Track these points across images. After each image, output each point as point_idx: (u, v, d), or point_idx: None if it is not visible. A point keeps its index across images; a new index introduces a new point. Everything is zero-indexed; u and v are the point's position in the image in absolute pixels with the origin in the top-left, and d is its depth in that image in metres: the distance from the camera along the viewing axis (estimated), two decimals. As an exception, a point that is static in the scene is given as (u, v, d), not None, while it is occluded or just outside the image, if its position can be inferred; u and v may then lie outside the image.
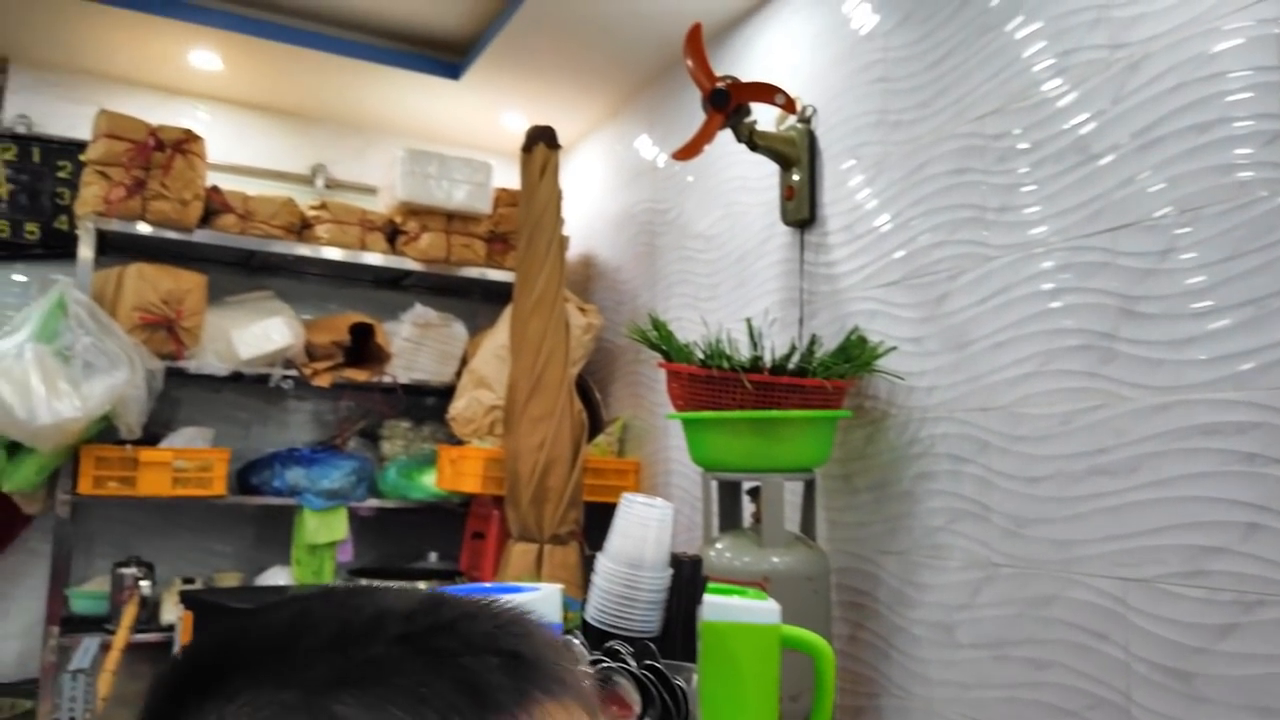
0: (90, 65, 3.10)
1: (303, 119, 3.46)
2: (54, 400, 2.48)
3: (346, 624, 0.38)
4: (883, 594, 1.98)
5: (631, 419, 3.06)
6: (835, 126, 2.21)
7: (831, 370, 1.81)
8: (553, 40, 2.83)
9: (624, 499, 1.07)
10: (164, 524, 3.14)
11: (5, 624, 2.90)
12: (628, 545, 1.03)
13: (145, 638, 2.73)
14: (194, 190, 2.84)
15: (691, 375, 1.87)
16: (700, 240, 2.74)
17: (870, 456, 2.03)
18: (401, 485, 3.11)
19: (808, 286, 2.25)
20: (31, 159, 3.00)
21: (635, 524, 1.04)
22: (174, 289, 2.78)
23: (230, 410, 3.24)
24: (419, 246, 3.16)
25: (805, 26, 2.36)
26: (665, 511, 1.07)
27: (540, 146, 2.84)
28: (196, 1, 2.84)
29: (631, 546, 1.03)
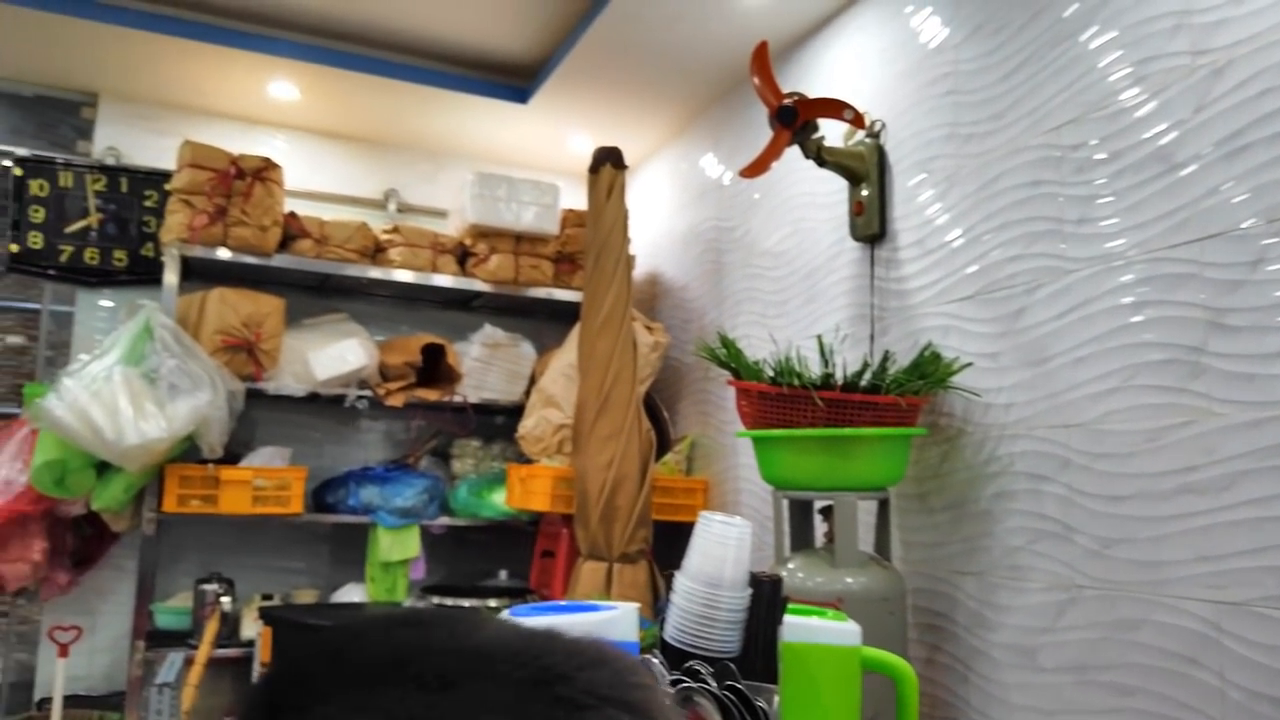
0: (174, 98, 3.23)
1: (376, 145, 3.55)
2: (141, 421, 2.57)
3: (454, 655, 0.36)
4: (960, 616, 1.93)
5: (699, 437, 3.05)
6: (905, 141, 2.18)
7: (905, 387, 1.79)
8: (618, 62, 2.86)
9: (702, 517, 1.07)
10: (242, 541, 3.22)
11: (94, 638, 2.99)
12: (707, 564, 1.03)
13: (225, 653, 2.80)
14: (272, 216, 2.93)
15: (761, 393, 1.86)
16: (768, 257, 2.73)
17: (946, 475, 1.99)
18: (472, 503, 3.15)
19: (878, 302, 2.23)
20: (120, 189, 3.13)
21: (714, 542, 1.03)
22: (254, 312, 2.86)
23: (305, 430, 3.32)
24: (488, 268, 3.21)
25: (873, 41, 2.34)
26: (744, 530, 1.06)
27: (607, 167, 2.87)
28: (275, 34, 2.94)
29: (710, 565, 1.03)
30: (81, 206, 3.08)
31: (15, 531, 2.74)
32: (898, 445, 1.85)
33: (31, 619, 3.62)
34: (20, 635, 3.47)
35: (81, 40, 2.85)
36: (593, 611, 1.02)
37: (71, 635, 2.78)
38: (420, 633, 0.39)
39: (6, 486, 2.72)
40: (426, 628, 0.39)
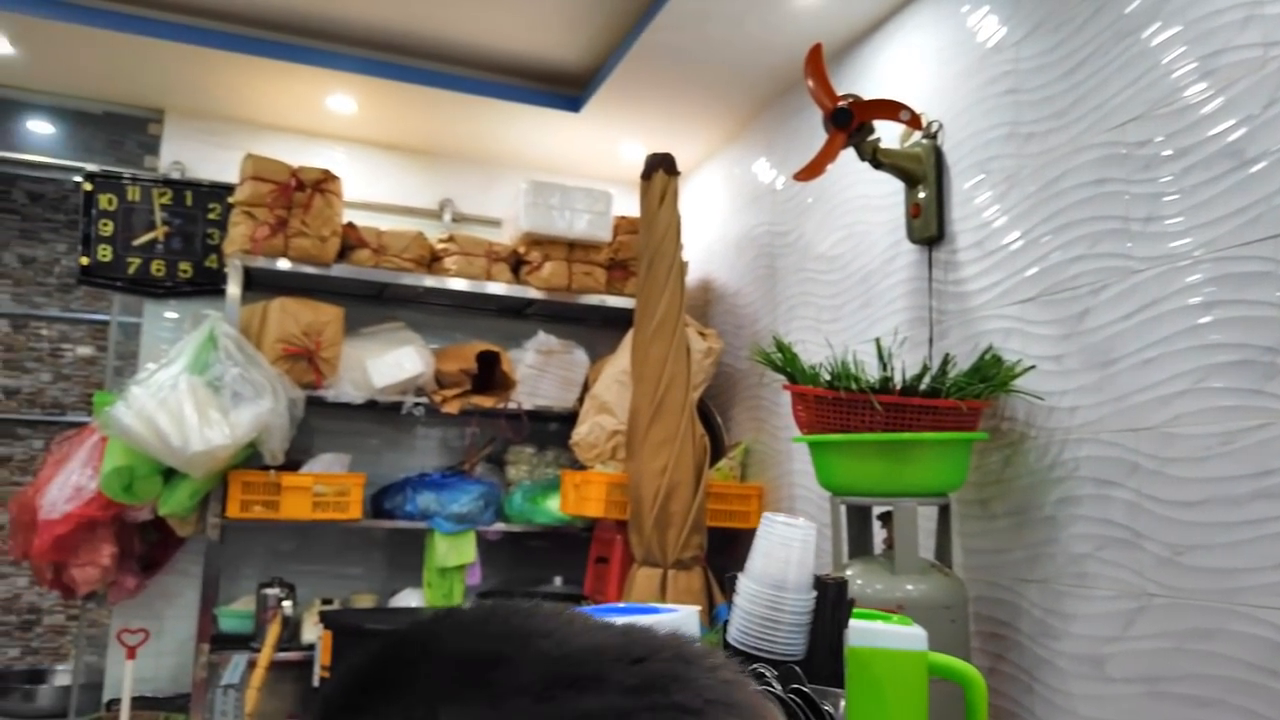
0: (236, 113, 3.31)
1: (431, 156, 3.60)
2: (205, 428, 2.63)
3: (560, 660, 0.34)
4: (1024, 624, 1.89)
5: (753, 443, 3.03)
6: (963, 141, 2.15)
7: (966, 390, 1.76)
8: (670, 69, 2.86)
9: (765, 518, 1.06)
10: (302, 547, 3.28)
11: (159, 641, 3.06)
12: (770, 566, 1.02)
13: (286, 656, 2.85)
14: (332, 227, 2.99)
15: (818, 397, 1.84)
16: (822, 261, 2.71)
17: (1008, 480, 1.95)
18: (527, 510, 3.17)
19: (937, 305, 2.19)
20: (185, 203, 3.21)
21: (777, 544, 1.02)
22: (314, 321, 2.91)
23: (362, 437, 3.37)
24: (542, 275, 3.24)
25: (929, 42, 2.31)
26: (808, 531, 1.05)
27: (659, 173, 2.87)
28: (333, 48, 3.00)
29: (774, 567, 1.02)
30: (148, 220, 3.17)
31: (85, 536, 2.82)
32: (958, 450, 1.81)
33: (100, 622, 3.73)
34: (90, 638, 3.57)
35: (148, 58, 2.94)
36: (654, 614, 1.01)
37: (139, 638, 2.84)
38: (512, 621, 0.37)
39: (77, 493, 2.80)
40: (518, 617, 0.38)
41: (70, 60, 2.97)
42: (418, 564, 3.18)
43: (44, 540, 2.75)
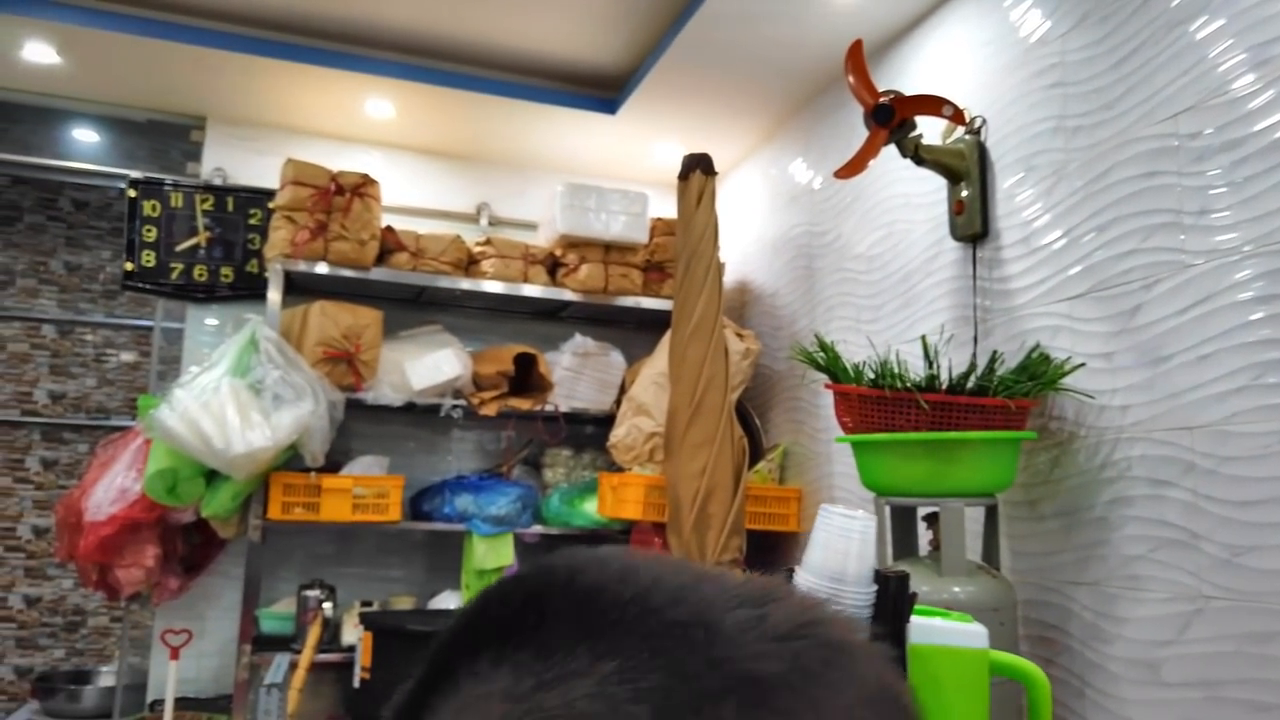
0: (276, 119, 3.34)
1: (467, 160, 3.62)
2: (247, 430, 2.65)
3: (691, 604, 0.33)
4: (1075, 628, 1.85)
5: (792, 445, 3.01)
6: (1008, 136, 2.12)
7: (1014, 389, 1.72)
8: (707, 70, 2.85)
9: (823, 510, 1.04)
10: (341, 549, 3.30)
11: (201, 642, 3.09)
12: (829, 558, 1.00)
13: (327, 658, 2.86)
14: (371, 231, 3.01)
15: (862, 396, 1.82)
16: (861, 261, 2.68)
17: (1057, 481, 1.91)
18: (564, 512, 3.16)
19: (981, 303, 2.16)
20: (226, 208, 3.25)
21: (836, 536, 1.00)
22: (353, 324, 2.93)
23: (399, 440, 3.39)
24: (578, 278, 3.24)
25: (971, 36, 2.28)
26: (867, 523, 1.02)
27: (696, 174, 2.86)
28: (372, 54, 3.02)
29: (833, 560, 0.99)
30: (191, 225, 3.21)
31: (130, 538, 2.85)
32: (1007, 449, 1.78)
33: (143, 624, 3.78)
34: (133, 640, 3.62)
35: (190, 66, 2.98)
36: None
37: (183, 638, 2.87)
38: (648, 569, 0.35)
39: (122, 495, 2.83)
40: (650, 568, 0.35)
41: (115, 69, 3.02)
42: (455, 566, 3.19)
43: (89, 542, 2.79)
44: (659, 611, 0.33)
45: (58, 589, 4.91)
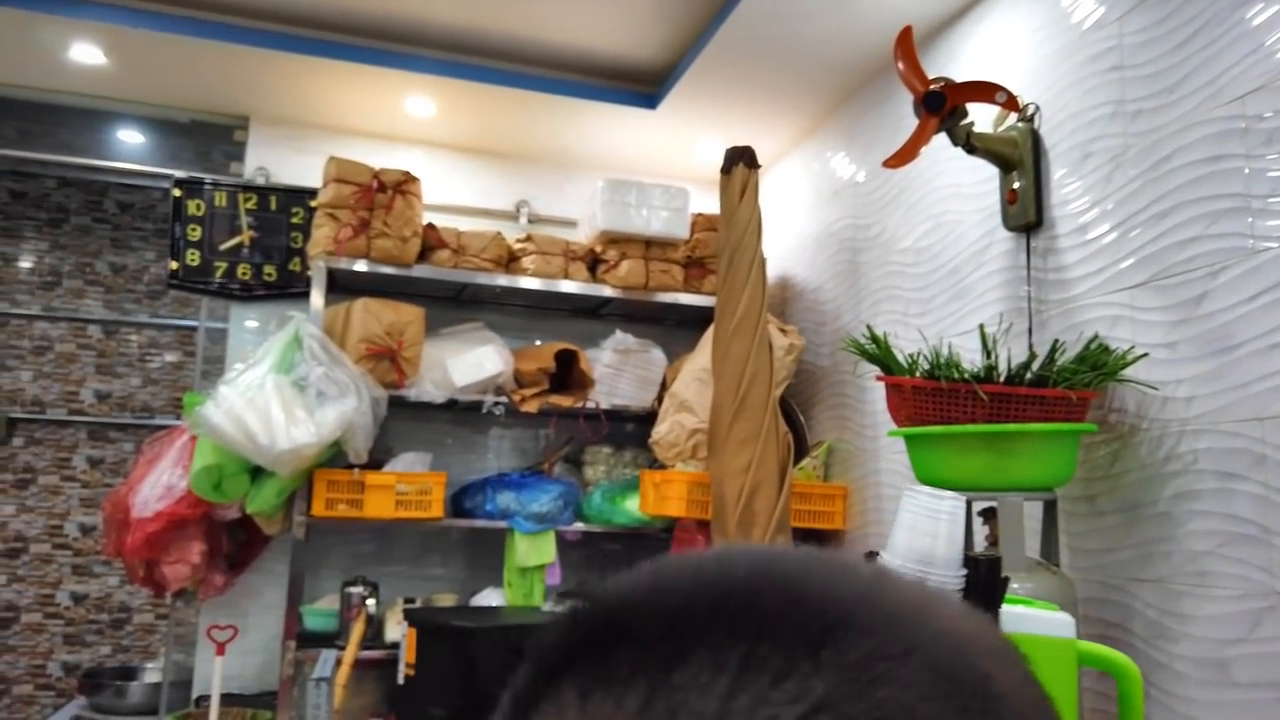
0: (318, 118, 3.36)
1: (507, 158, 3.62)
2: (292, 427, 2.66)
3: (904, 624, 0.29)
4: (1138, 626, 1.80)
5: (837, 442, 2.97)
6: (1062, 123, 2.07)
7: (1075, 379, 1.68)
8: (748, 63, 2.82)
9: (908, 491, 1.01)
10: (382, 546, 3.31)
11: (245, 639, 3.11)
12: (916, 541, 0.96)
13: (370, 655, 2.86)
14: (412, 228, 3.01)
15: (916, 388, 1.78)
16: (909, 254, 2.64)
17: (1117, 475, 1.86)
18: (606, 510, 3.14)
19: (1036, 294, 2.11)
20: (269, 207, 3.27)
21: (924, 517, 0.97)
22: (395, 321, 2.94)
23: (440, 437, 3.39)
24: (618, 274, 3.22)
25: (1023, 22, 2.23)
26: (956, 504, 0.99)
27: (739, 167, 2.83)
28: (412, 51, 3.03)
29: (921, 542, 0.96)
30: (234, 225, 3.24)
31: (176, 535, 2.87)
32: (1067, 442, 1.73)
33: (187, 621, 3.81)
34: (178, 636, 3.65)
35: (233, 66, 3.00)
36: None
37: (228, 634, 2.89)
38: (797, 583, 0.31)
39: (168, 491, 2.85)
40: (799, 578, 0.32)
41: (159, 70, 3.05)
42: (496, 563, 3.18)
43: (136, 538, 2.81)
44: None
45: (104, 586, 4.98)
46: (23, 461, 4.92)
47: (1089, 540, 1.92)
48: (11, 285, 5.01)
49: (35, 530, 4.92)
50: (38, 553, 4.91)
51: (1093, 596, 1.90)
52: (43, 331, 5.02)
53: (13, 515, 4.89)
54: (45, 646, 4.88)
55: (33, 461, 4.94)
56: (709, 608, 0.30)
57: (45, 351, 5.01)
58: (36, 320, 5.01)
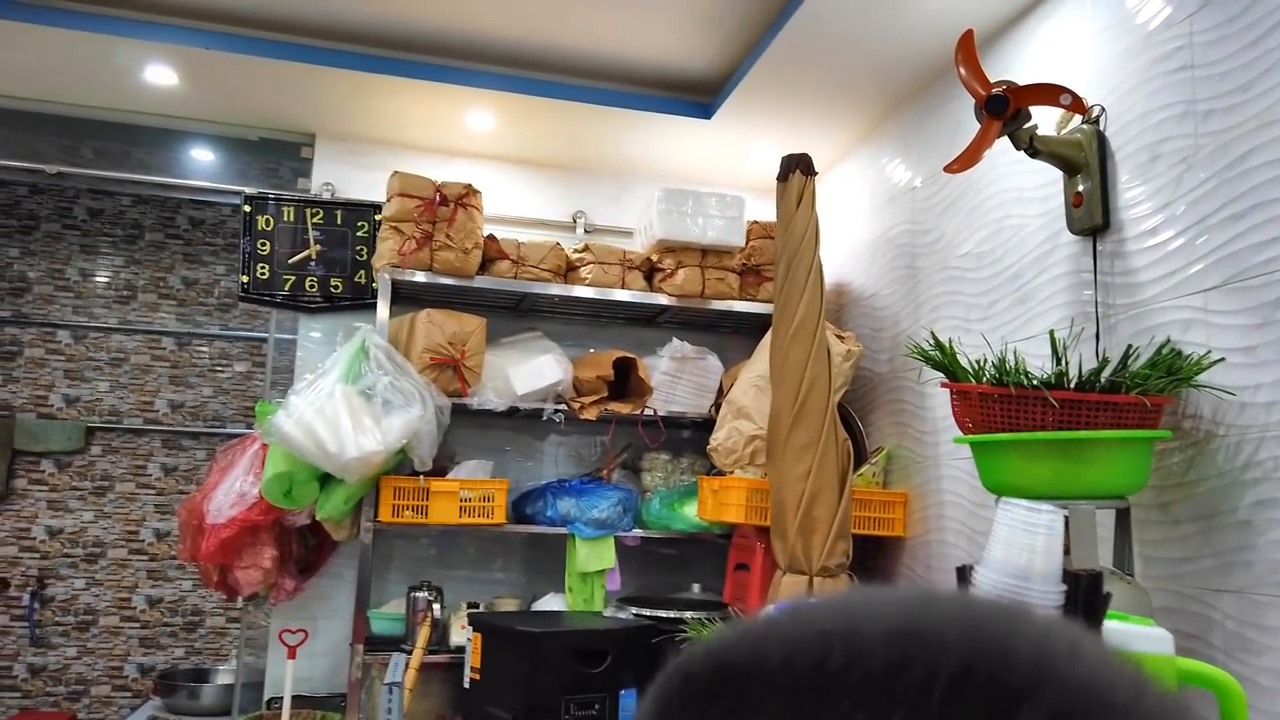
0: (381, 134, 3.44)
1: (564, 169, 3.66)
2: (359, 435, 2.72)
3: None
4: (1217, 637, 1.76)
5: (896, 448, 2.94)
6: (1129, 124, 2.04)
7: (1149, 384, 1.65)
8: (804, 70, 2.82)
9: (1003, 503, 1.00)
10: (445, 552, 3.36)
11: (314, 642, 3.18)
12: (1012, 555, 0.95)
13: (435, 658, 2.91)
14: (474, 240, 3.07)
15: (983, 395, 1.76)
16: (969, 259, 2.61)
17: (1193, 483, 1.82)
18: (665, 516, 3.16)
19: (1103, 299, 2.08)
20: (335, 221, 3.35)
21: (1020, 531, 0.96)
22: (458, 331, 2.99)
23: (500, 443, 3.44)
24: (675, 282, 3.24)
25: (1087, 23, 2.20)
26: (1054, 517, 0.97)
27: (796, 174, 2.83)
28: (473, 66, 3.08)
29: (1017, 556, 0.95)
30: (302, 239, 3.33)
31: (248, 540, 2.96)
32: (1141, 449, 1.70)
33: (258, 624, 3.91)
34: (250, 639, 3.75)
35: (300, 84, 3.08)
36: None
37: (299, 638, 2.96)
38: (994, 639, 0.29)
39: (241, 498, 2.94)
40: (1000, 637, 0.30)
41: (229, 89, 3.15)
42: (557, 569, 3.21)
43: (211, 544, 2.90)
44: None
45: (178, 590, 5.13)
46: (100, 469, 5.10)
47: (1164, 549, 1.88)
48: (89, 299, 5.20)
49: (112, 536, 5.09)
50: (115, 557, 5.08)
51: (1168, 607, 1.86)
52: (119, 344, 5.20)
53: (91, 521, 5.07)
54: (122, 648, 5.05)
55: (110, 469, 5.11)
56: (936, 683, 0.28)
57: (121, 363, 5.19)
58: (113, 333, 5.19)
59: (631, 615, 2.91)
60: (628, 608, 2.96)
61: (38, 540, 5.00)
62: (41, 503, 5.02)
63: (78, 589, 5.03)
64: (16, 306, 5.11)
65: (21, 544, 4.98)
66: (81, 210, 5.23)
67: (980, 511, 2.49)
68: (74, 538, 5.04)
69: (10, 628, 4.94)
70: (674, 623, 2.76)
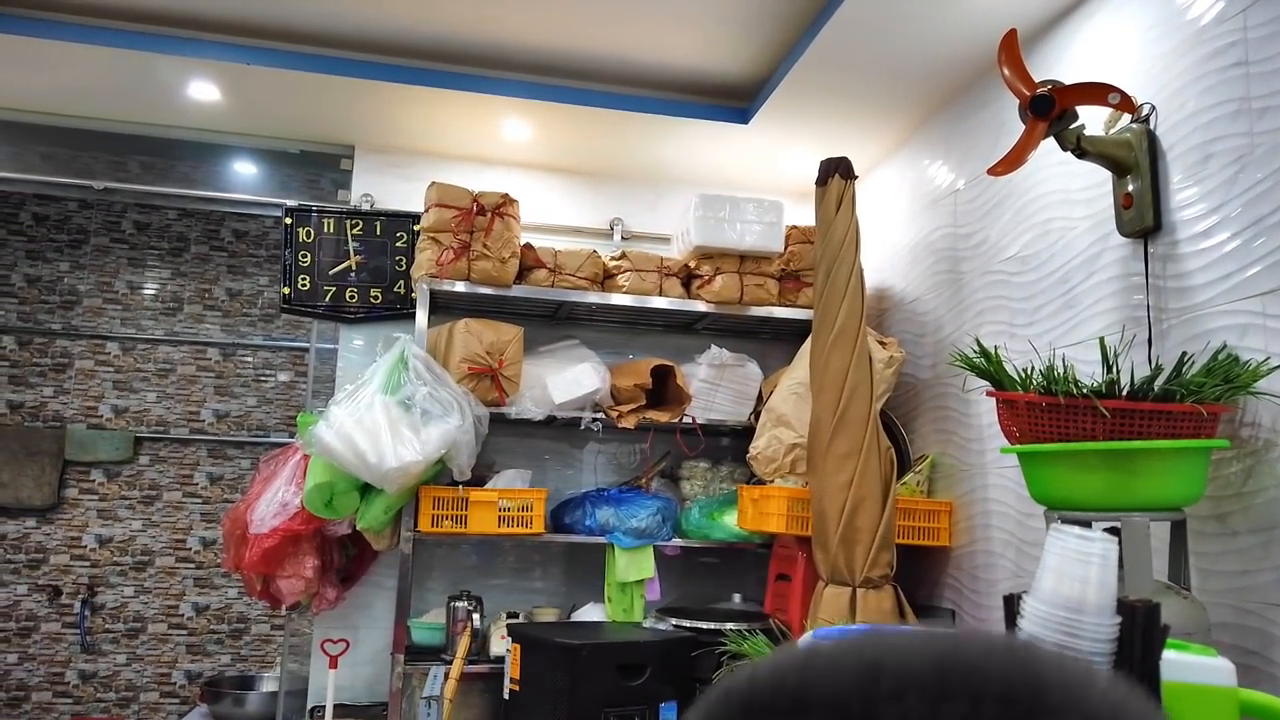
0: (418, 145, 3.46)
1: (601, 176, 3.66)
2: (398, 446, 2.73)
3: None
4: (1278, 654, 1.69)
5: (940, 457, 2.89)
6: (1180, 123, 1.98)
7: (1205, 392, 1.59)
8: (842, 73, 2.79)
9: (1054, 530, 0.96)
10: (484, 561, 3.36)
11: (356, 651, 3.19)
12: (1064, 585, 0.91)
13: (475, 668, 2.91)
14: (511, 249, 3.07)
15: (1030, 404, 1.71)
16: (1014, 262, 2.56)
17: (1252, 493, 1.76)
18: (704, 525, 3.13)
19: (1155, 302, 2.02)
20: (375, 232, 3.38)
21: (1072, 560, 0.92)
22: (496, 341, 2.99)
23: (538, 452, 3.43)
24: (713, 289, 3.21)
25: (1135, 20, 2.15)
26: (1108, 545, 0.93)
27: (835, 178, 2.79)
28: (508, 76, 3.09)
29: (1069, 587, 0.91)
30: (342, 250, 3.36)
31: (291, 550, 2.98)
32: (1196, 459, 1.65)
33: (301, 632, 3.94)
34: (293, 646, 3.78)
35: (339, 97, 3.11)
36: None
37: (340, 647, 2.98)
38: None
39: (283, 508, 2.96)
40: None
41: (270, 103, 3.19)
42: (596, 578, 3.20)
43: (254, 553, 2.93)
44: None
45: (224, 598, 5.20)
46: (149, 479, 5.19)
47: (1222, 562, 1.82)
48: (137, 311, 5.30)
49: (160, 544, 5.18)
50: (163, 565, 5.17)
51: (1226, 622, 1.79)
52: (166, 355, 5.29)
53: (140, 530, 5.16)
54: (170, 655, 5.12)
55: (157, 479, 5.20)
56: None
57: (168, 374, 5.29)
58: (160, 344, 5.29)
59: (671, 626, 2.88)
60: (667, 618, 2.93)
61: (88, 549, 5.10)
62: (92, 512, 5.12)
63: (127, 596, 5.12)
64: (67, 319, 5.22)
65: (73, 552, 5.08)
66: (129, 224, 5.34)
67: (1028, 522, 2.43)
68: (123, 546, 5.14)
69: (62, 635, 5.04)
70: (714, 634, 2.73)
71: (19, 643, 5.00)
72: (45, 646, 5.02)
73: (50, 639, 5.02)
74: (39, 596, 5.03)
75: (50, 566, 5.05)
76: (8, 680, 4.97)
